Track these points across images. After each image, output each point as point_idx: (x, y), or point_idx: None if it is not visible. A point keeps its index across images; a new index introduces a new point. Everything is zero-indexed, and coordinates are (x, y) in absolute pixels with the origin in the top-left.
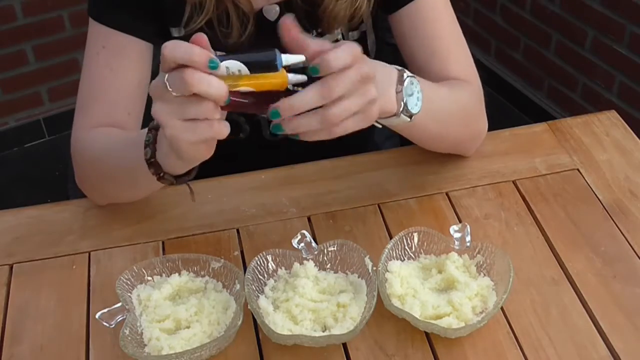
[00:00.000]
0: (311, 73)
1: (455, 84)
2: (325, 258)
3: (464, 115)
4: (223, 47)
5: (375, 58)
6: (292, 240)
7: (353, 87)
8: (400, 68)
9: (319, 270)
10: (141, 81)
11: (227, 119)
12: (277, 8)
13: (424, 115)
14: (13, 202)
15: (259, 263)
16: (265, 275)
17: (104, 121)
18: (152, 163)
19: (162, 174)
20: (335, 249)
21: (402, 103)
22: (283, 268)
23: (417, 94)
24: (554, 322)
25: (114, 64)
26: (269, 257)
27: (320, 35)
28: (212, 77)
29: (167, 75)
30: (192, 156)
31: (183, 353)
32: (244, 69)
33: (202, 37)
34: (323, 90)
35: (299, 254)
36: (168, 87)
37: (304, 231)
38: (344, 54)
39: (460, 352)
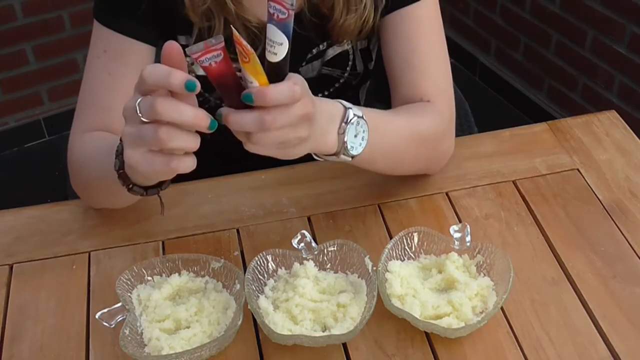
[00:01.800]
0: (244, 100)
1: (417, 108)
2: (325, 258)
3: (421, 142)
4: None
5: (376, 61)
6: (292, 240)
7: (289, 122)
8: (348, 105)
9: (319, 270)
10: None
11: None
12: None
13: (371, 152)
14: (13, 202)
15: (259, 263)
16: (265, 275)
17: (100, 126)
18: (121, 174)
19: (131, 186)
20: (335, 249)
21: (343, 144)
22: (283, 268)
23: (362, 134)
24: (554, 322)
25: (114, 69)
26: (269, 257)
27: (329, 46)
28: (184, 105)
29: (139, 99)
30: (149, 179)
31: (183, 353)
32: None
33: (174, 46)
34: (261, 123)
35: (299, 254)
36: (138, 111)
37: (304, 231)
38: (284, 94)
39: (460, 352)
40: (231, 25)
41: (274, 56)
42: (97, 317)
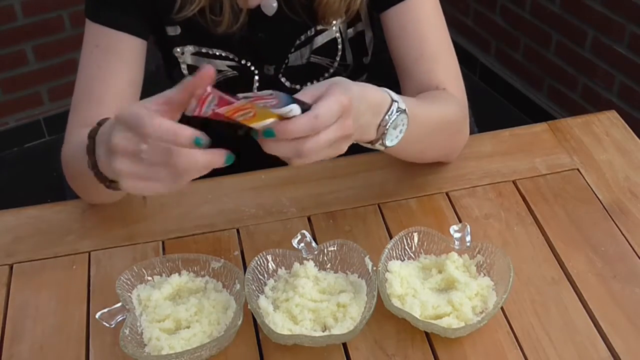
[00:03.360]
0: (265, 136)
1: (442, 96)
2: (325, 258)
3: (449, 130)
4: (212, 35)
5: (373, 56)
6: (292, 240)
7: (325, 145)
8: (395, 98)
9: (319, 270)
10: (133, 79)
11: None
12: (275, 4)
13: (404, 142)
14: (13, 202)
15: (259, 263)
16: (265, 275)
17: (94, 120)
18: (97, 173)
19: (108, 183)
20: (335, 249)
21: (382, 135)
22: (283, 268)
23: (401, 126)
24: (554, 322)
25: (106, 63)
26: (269, 257)
27: (318, 33)
28: (197, 152)
29: (144, 146)
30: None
31: (183, 353)
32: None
33: (210, 69)
34: (298, 153)
35: (299, 254)
36: (142, 156)
37: (304, 231)
38: (304, 126)
39: (460, 352)
40: (209, 95)
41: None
42: (97, 317)
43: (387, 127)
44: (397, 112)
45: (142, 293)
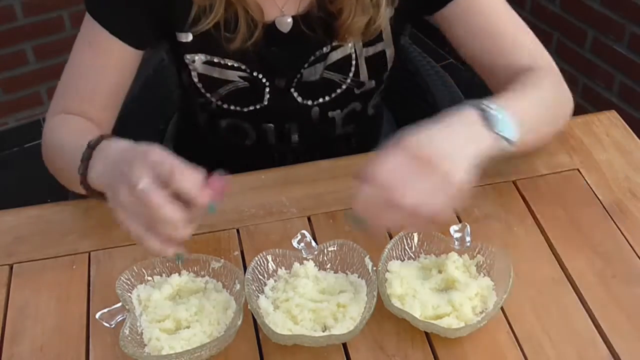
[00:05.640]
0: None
1: (533, 80)
2: (325, 258)
3: (553, 111)
4: (225, 51)
5: (392, 68)
6: (292, 240)
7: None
8: (482, 105)
9: (319, 270)
10: (119, 83)
11: (232, 125)
12: (290, 20)
13: (521, 133)
14: (13, 202)
15: (259, 263)
16: (265, 275)
17: (77, 112)
18: (82, 180)
19: (90, 192)
20: (335, 249)
21: (499, 136)
22: (283, 268)
23: (507, 120)
24: (554, 322)
25: (95, 63)
26: (269, 257)
27: (332, 49)
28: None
29: (144, 181)
30: None
31: (183, 353)
32: None
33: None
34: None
35: (299, 254)
36: (141, 189)
37: (304, 231)
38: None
39: (460, 352)
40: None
41: None
42: (97, 317)
43: (497, 128)
44: (491, 110)
45: (142, 293)
